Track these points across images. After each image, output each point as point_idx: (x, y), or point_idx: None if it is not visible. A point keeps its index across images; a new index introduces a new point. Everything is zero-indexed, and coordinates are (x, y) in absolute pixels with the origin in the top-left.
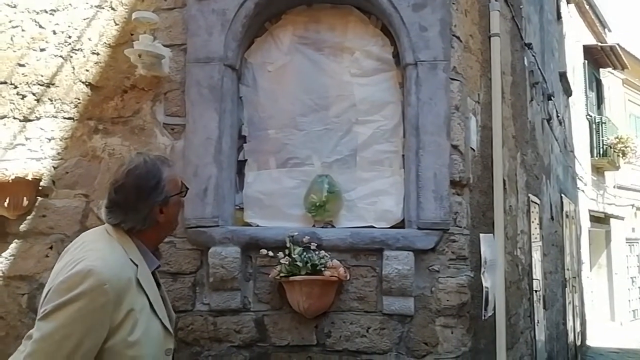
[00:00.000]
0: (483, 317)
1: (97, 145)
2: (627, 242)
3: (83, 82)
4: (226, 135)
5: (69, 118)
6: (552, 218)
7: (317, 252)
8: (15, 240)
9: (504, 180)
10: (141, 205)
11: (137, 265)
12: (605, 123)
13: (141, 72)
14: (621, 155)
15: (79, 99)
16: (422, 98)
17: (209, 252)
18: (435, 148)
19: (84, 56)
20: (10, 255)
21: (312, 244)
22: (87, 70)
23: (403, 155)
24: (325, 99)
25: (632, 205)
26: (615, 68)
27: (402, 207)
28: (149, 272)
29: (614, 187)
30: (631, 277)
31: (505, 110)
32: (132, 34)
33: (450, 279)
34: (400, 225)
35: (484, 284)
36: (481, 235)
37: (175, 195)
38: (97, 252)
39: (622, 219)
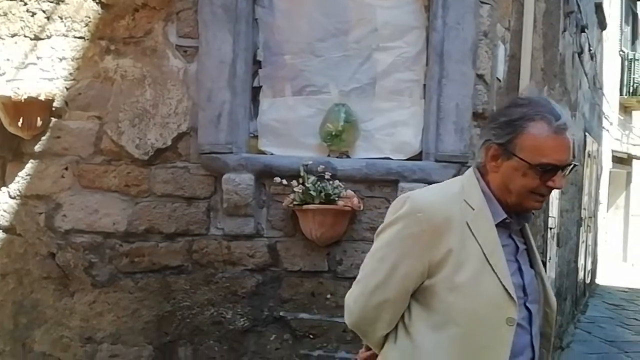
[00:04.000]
0: None
1: (109, 66)
2: None
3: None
4: (240, 59)
5: (80, 37)
6: (573, 156)
7: (331, 182)
8: (31, 160)
9: None
10: (482, 133)
11: (473, 209)
12: (638, 60)
13: None
14: None
15: (89, 17)
16: (449, 22)
17: (223, 179)
18: (459, 77)
19: None
20: (26, 175)
21: (326, 173)
22: None
23: (424, 85)
24: (345, 23)
25: None
26: None
27: (421, 139)
28: (489, 222)
29: None
30: None
31: (536, 40)
32: None
33: None
34: (418, 157)
35: None
36: None
37: (523, 160)
38: (428, 187)
39: None
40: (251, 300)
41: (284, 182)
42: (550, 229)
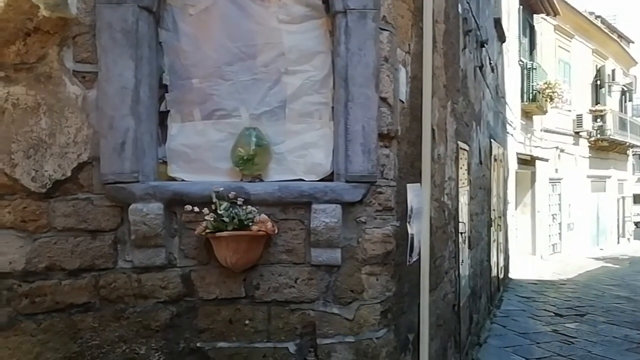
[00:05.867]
0: (408, 263)
1: None
2: (550, 182)
3: None
4: (144, 84)
5: None
6: (480, 163)
7: (244, 207)
8: None
9: (432, 130)
10: None
11: None
12: (535, 69)
13: (44, 13)
14: (549, 100)
15: None
16: (351, 48)
17: (129, 209)
18: (364, 100)
19: None
20: None
21: (239, 199)
22: None
23: (333, 107)
24: (253, 47)
25: (556, 148)
26: (548, 14)
27: (332, 159)
28: None
29: (541, 130)
30: (552, 215)
31: (437, 59)
32: None
33: (376, 229)
34: (330, 177)
35: (410, 232)
36: (408, 185)
37: None
38: None
39: (547, 160)
40: (166, 334)
41: (196, 209)
42: (461, 233)
